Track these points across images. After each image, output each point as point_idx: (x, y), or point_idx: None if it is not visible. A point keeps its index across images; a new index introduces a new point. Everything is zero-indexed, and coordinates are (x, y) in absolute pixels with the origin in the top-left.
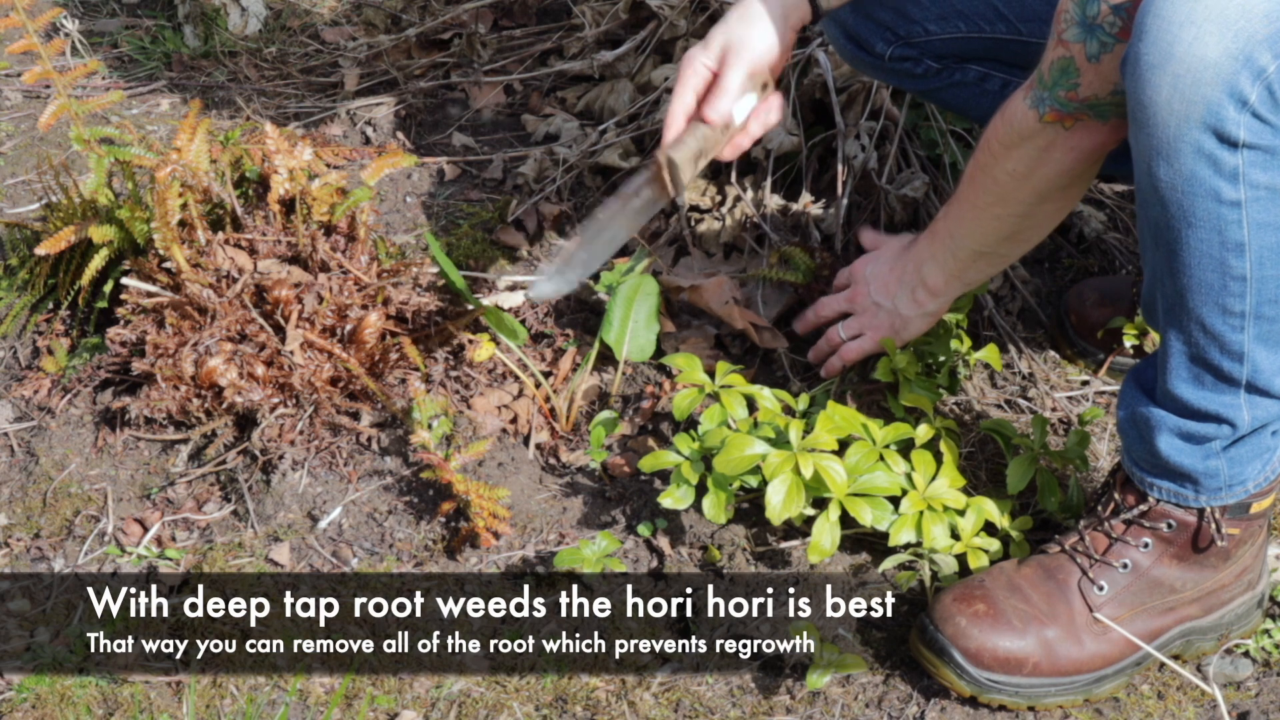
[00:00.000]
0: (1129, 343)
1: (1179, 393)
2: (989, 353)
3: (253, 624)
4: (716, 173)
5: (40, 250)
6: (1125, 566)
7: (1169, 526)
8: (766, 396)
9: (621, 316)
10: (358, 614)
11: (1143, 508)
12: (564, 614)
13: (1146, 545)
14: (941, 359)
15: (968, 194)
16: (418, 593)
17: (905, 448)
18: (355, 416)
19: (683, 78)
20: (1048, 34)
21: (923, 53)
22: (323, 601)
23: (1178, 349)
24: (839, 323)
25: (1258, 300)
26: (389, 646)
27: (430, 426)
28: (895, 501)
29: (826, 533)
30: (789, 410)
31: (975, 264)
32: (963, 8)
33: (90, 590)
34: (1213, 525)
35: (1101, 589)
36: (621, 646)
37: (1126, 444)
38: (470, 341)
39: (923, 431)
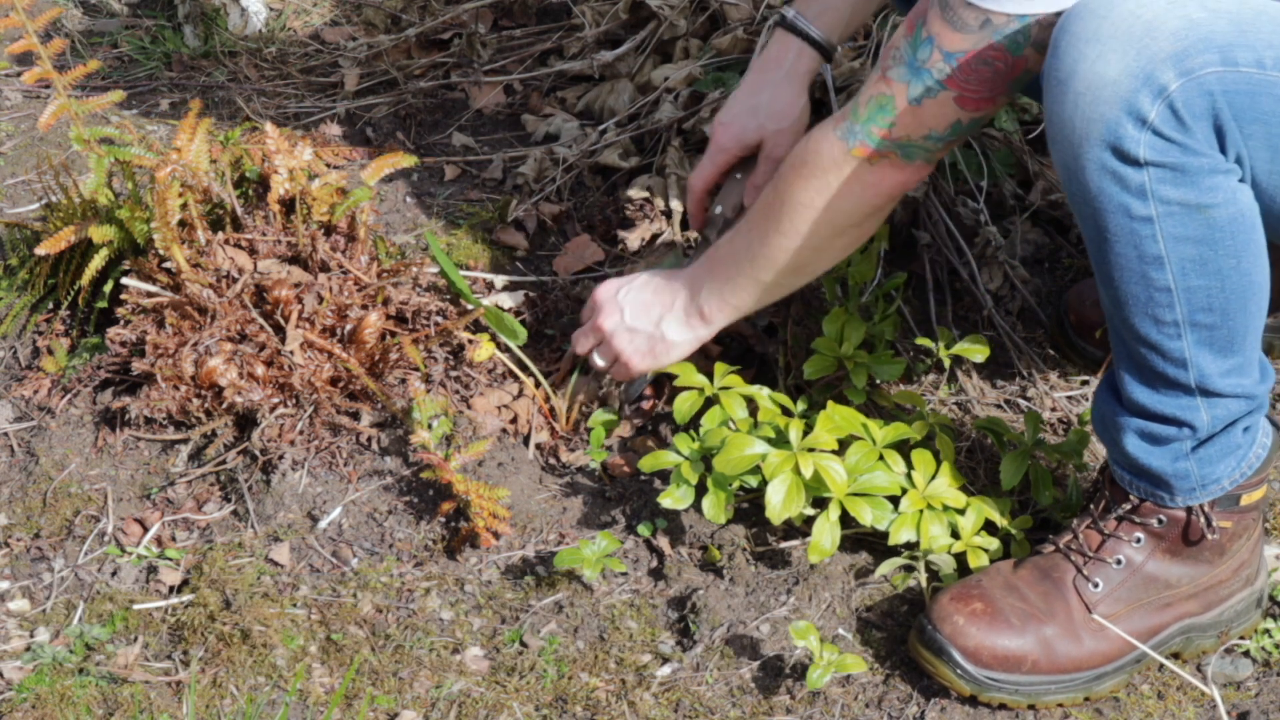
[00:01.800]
0: None
1: (1136, 397)
2: (972, 346)
3: (253, 624)
4: None
5: (40, 250)
6: (1119, 562)
7: (1159, 522)
8: (765, 397)
9: None
10: (358, 614)
11: (1129, 504)
12: (564, 614)
13: (1139, 540)
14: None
15: (758, 223)
16: (417, 593)
17: (901, 446)
18: (355, 416)
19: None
20: None
21: None
22: (322, 601)
23: (1125, 356)
24: (594, 352)
25: (1189, 309)
26: (389, 646)
27: (430, 426)
28: (895, 501)
29: (826, 533)
30: (787, 411)
31: (755, 293)
32: None
33: (90, 590)
34: (1201, 519)
35: (1097, 586)
36: (621, 646)
37: (1104, 444)
38: (470, 341)
39: (918, 428)
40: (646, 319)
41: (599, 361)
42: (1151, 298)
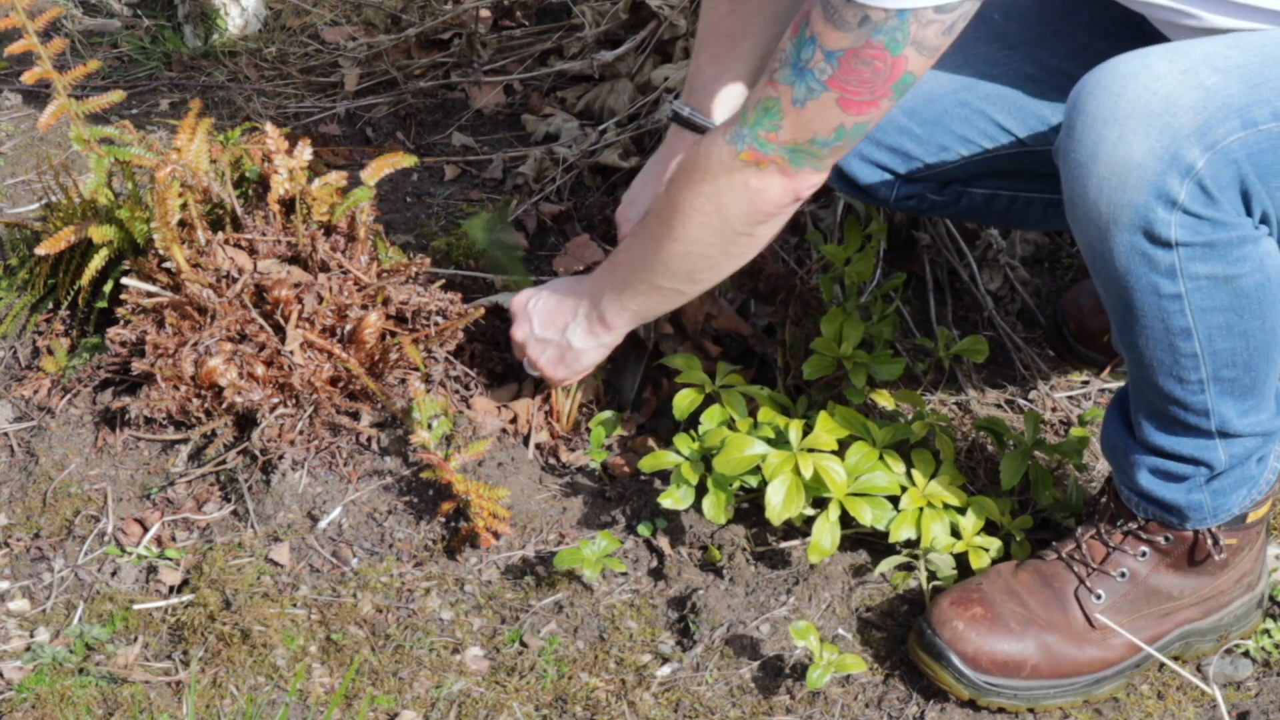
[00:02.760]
0: None
1: (1152, 440)
2: (972, 346)
3: (253, 624)
4: None
5: (40, 250)
6: (1123, 575)
7: (1166, 540)
8: (765, 397)
9: None
10: (358, 614)
11: (1136, 523)
12: (564, 614)
13: (1144, 555)
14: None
15: (654, 228)
16: (417, 593)
17: (901, 446)
18: (355, 416)
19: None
20: (1049, 140)
21: (925, 188)
22: (322, 601)
23: (1144, 405)
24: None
25: (1214, 367)
26: (389, 646)
27: (430, 426)
28: (895, 501)
29: (826, 532)
30: (787, 411)
31: (652, 298)
32: (962, 131)
33: (90, 590)
34: (1209, 540)
35: (1100, 597)
36: (621, 646)
37: (1112, 468)
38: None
39: (917, 428)
40: (553, 328)
41: (528, 370)
42: (1178, 362)
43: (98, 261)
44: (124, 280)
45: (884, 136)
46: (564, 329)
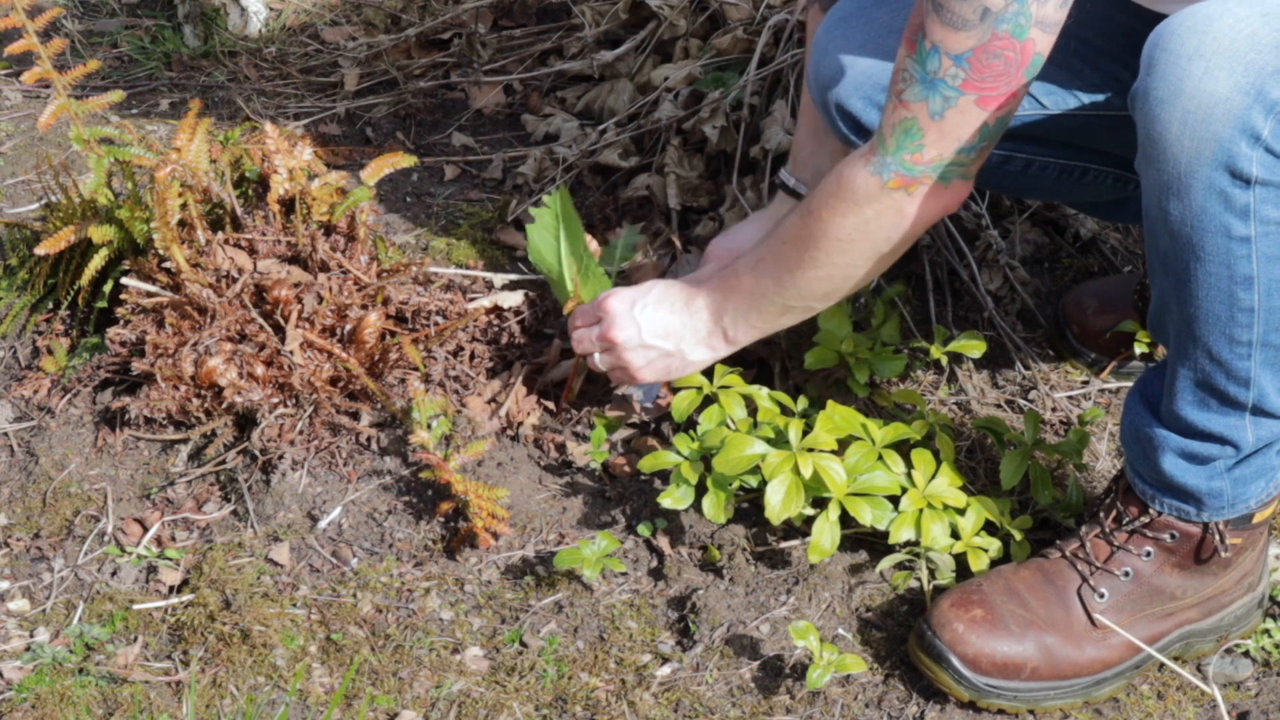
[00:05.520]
0: (1139, 349)
1: (1184, 414)
2: (969, 342)
3: (253, 624)
4: (716, 172)
5: (40, 250)
6: (1127, 575)
7: (1172, 537)
8: (765, 397)
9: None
10: (358, 614)
11: (1146, 519)
12: (564, 614)
13: (1149, 554)
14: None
15: (788, 255)
16: (417, 593)
17: (901, 446)
18: (355, 416)
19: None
20: (1070, 104)
21: None
22: (322, 601)
23: (1184, 374)
24: (595, 354)
25: (1265, 329)
26: (389, 646)
27: (429, 426)
28: (895, 501)
29: (826, 532)
30: (787, 410)
31: (782, 318)
32: None
33: (90, 590)
34: (1217, 537)
35: (1102, 596)
36: (621, 646)
37: (1130, 457)
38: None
39: (918, 427)
40: (666, 340)
41: (599, 366)
42: (1233, 317)
43: (98, 261)
44: (124, 280)
45: None
46: (679, 341)
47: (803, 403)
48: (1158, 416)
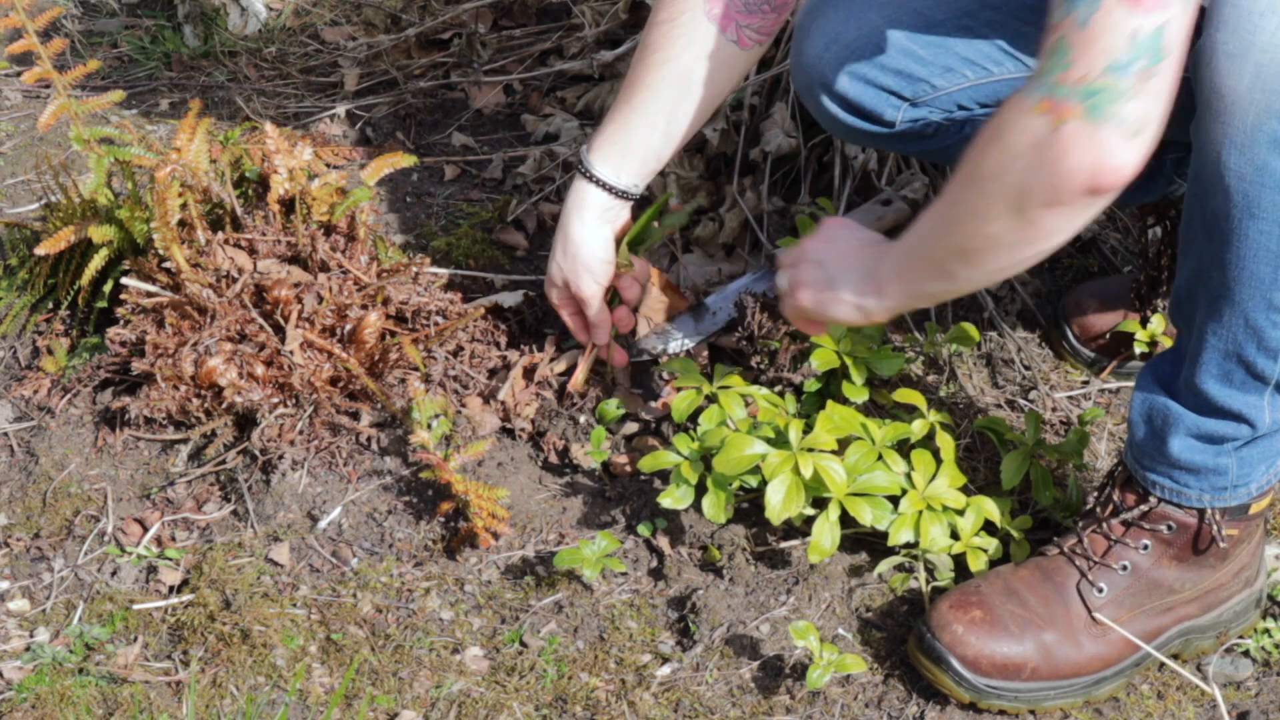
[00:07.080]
0: (1139, 349)
1: (1206, 388)
2: (960, 333)
3: (253, 624)
4: (716, 173)
5: (40, 250)
6: (1125, 568)
7: (1169, 529)
8: (764, 396)
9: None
10: (358, 614)
11: (1143, 509)
12: (564, 614)
13: (1146, 547)
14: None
15: (945, 198)
16: (417, 593)
17: (901, 446)
18: (355, 416)
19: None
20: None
21: (932, 110)
22: (322, 601)
23: (1213, 344)
24: (783, 272)
25: None
26: (389, 646)
27: (430, 426)
28: (895, 501)
29: (826, 533)
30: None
31: (926, 277)
32: (967, 54)
33: (90, 590)
34: (1213, 526)
35: (1101, 591)
36: (621, 646)
37: (1133, 438)
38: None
39: (918, 427)
40: (838, 263)
41: (780, 283)
42: (1276, 280)
43: (98, 261)
44: (124, 280)
45: (888, 59)
46: (846, 269)
47: (793, 400)
48: (1173, 394)
